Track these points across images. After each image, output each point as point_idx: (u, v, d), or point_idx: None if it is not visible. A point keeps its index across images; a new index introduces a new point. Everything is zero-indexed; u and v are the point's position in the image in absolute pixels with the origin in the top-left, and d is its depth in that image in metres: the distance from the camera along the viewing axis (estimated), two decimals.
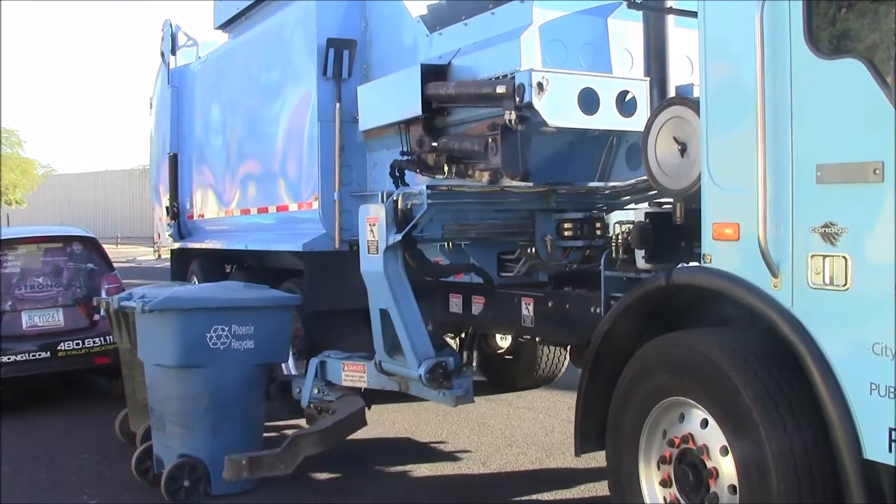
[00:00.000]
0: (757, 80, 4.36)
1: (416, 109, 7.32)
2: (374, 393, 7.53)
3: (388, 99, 7.83)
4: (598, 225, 6.77)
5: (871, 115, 3.95)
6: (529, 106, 6.23)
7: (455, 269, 7.20)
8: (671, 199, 5.55)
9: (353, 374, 7.33)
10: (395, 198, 6.31)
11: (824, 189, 4.16)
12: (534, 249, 6.84)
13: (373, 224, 6.42)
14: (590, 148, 6.94)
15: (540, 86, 6.20)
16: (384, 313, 6.62)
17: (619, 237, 5.88)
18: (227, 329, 7.00)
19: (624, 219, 6.28)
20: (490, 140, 6.69)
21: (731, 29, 4.72)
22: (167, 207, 13.13)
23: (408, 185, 7.73)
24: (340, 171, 8.84)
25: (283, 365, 8.48)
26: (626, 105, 6.55)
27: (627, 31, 6.97)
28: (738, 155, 4.60)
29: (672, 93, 6.40)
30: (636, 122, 6.39)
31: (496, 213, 6.84)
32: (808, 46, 4.25)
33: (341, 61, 8.79)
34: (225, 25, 12.05)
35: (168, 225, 13.16)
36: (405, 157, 7.69)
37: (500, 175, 6.73)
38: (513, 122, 6.36)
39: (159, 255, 15.66)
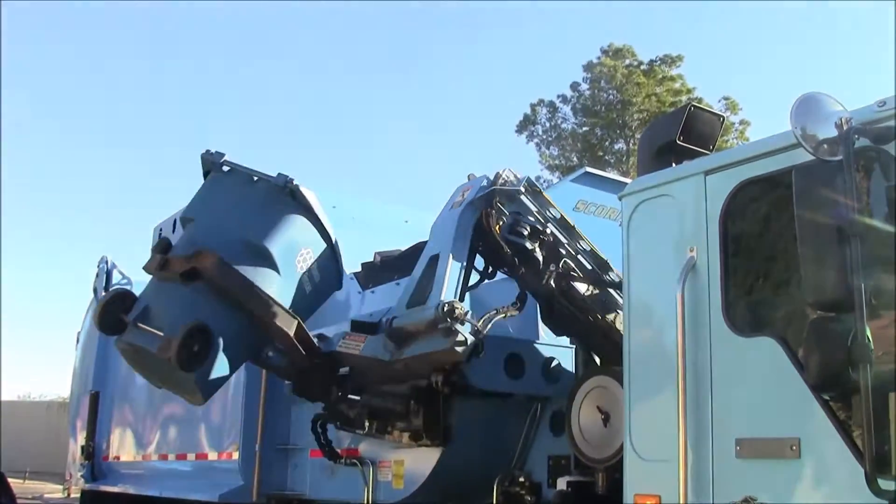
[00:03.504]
0: (678, 353, 4.49)
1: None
2: None
3: None
4: None
5: (787, 392, 4.09)
6: (456, 369, 6.28)
7: None
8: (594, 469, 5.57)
9: None
10: None
11: (744, 463, 4.24)
12: None
13: None
14: (514, 413, 6.96)
15: None
16: None
17: None
18: None
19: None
20: (412, 402, 6.70)
21: (654, 302, 4.91)
22: (83, 446, 12.75)
23: (330, 441, 7.66)
24: (264, 422, 8.73)
25: None
26: (551, 371, 6.63)
27: None
28: (659, 427, 4.68)
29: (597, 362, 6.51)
30: (561, 389, 6.45)
31: None
32: (726, 323, 4.42)
33: None
34: None
35: (82, 464, 12.74)
36: (326, 411, 7.66)
37: (420, 437, 6.71)
38: (439, 384, 6.38)
39: (68, 495, 15.01)
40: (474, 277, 6.53)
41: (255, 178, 6.95)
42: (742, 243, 4.66)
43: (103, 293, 12.87)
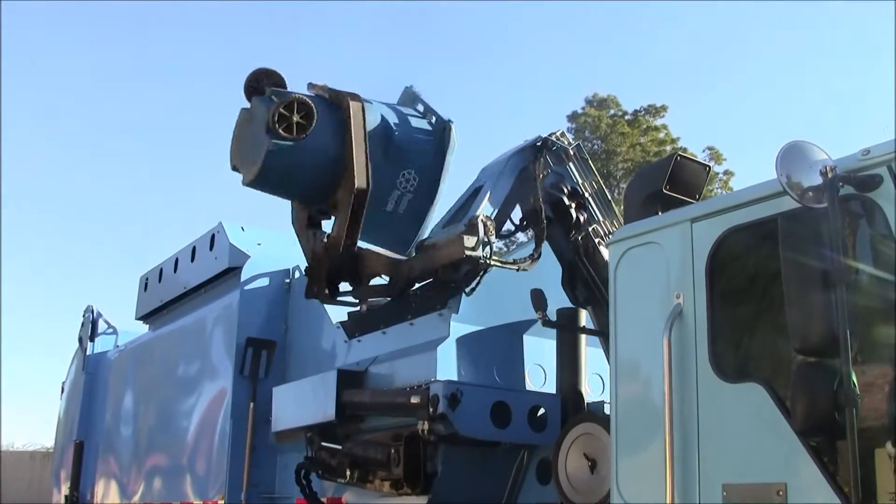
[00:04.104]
0: (665, 399, 4.51)
1: (330, 414, 7.29)
2: None
3: (304, 402, 7.79)
4: None
5: (774, 438, 4.10)
6: (443, 417, 6.26)
7: None
8: None
9: None
10: None
11: None
12: None
13: None
14: (501, 461, 6.93)
15: (454, 397, 6.26)
16: None
17: None
18: None
19: None
20: (392, 451, 6.70)
21: (641, 348, 4.92)
22: (66, 496, 12.65)
23: (316, 493, 7.63)
24: (250, 471, 8.67)
25: None
26: (537, 420, 6.61)
27: (542, 348, 7.13)
28: (646, 473, 4.67)
29: (584, 409, 6.50)
30: (548, 437, 6.43)
31: None
32: (712, 369, 4.44)
33: (259, 361, 8.84)
34: (146, 317, 12.12)
35: None
36: (307, 460, 7.64)
37: (401, 485, 6.69)
38: (425, 432, 6.36)
39: None
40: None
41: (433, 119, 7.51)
42: (728, 290, 4.69)
43: (89, 342, 12.87)
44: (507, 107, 58.75)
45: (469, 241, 6.32)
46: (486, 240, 6.41)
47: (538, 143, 6.94)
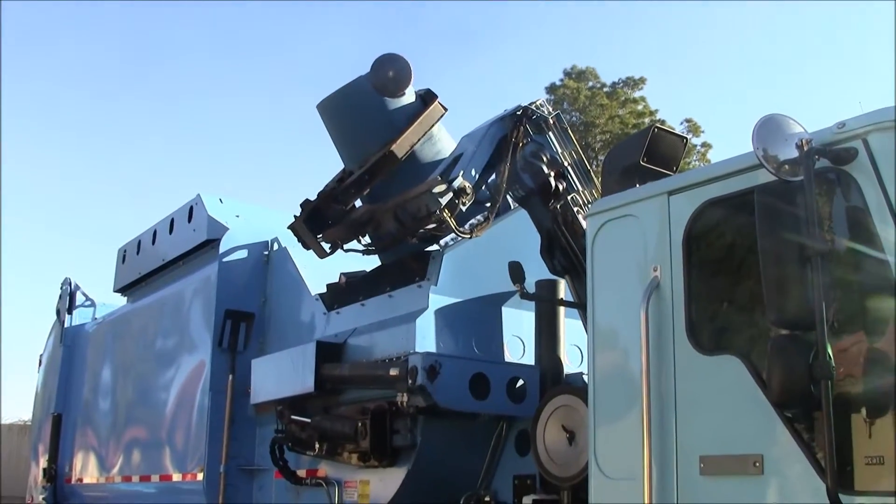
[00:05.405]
0: (643, 372, 4.53)
1: (309, 386, 7.31)
2: None
3: (283, 374, 7.80)
4: None
5: (750, 410, 4.13)
6: (422, 389, 6.28)
7: None
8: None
9: None
10: None
11: (708, 481, 4.27)
12: None
13: None
14: (480, 433, 6.96)
15: (433, 369, 6.27)
16: None
17: None
18: None
19: None
20: (359, 424, 6.73)
21: (619, 322, 4.94)
22: (44, 469, 12.60)
23: (294, 471, 7.70)
24: (229, 443, 8.66)
25: None
26: (516, 391, 6.64)
27: (521, 320, 7.16)
28: (624, 445, 4.70)
29: (562, 381, 6.53)
30: (526, 409, 6.46)
31: None
32: (690, 342, 4.46)
33: (238, 333, 8.83)
34: (124, 289, 12.07)
35: (43, 488, 12.58)
36: (279, 433, 7.67)
37: (368, 458, 6.76)
38: (404, 404, 6.38)
39: None
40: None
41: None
42: (705, 262, 4.71)
43: (66, 315, 12.81)
44: (484, 79, 58.58)
45: (442, 195, 6.46)
46: (455, 202, 6.49)
47: (518, 112, 6.99)
